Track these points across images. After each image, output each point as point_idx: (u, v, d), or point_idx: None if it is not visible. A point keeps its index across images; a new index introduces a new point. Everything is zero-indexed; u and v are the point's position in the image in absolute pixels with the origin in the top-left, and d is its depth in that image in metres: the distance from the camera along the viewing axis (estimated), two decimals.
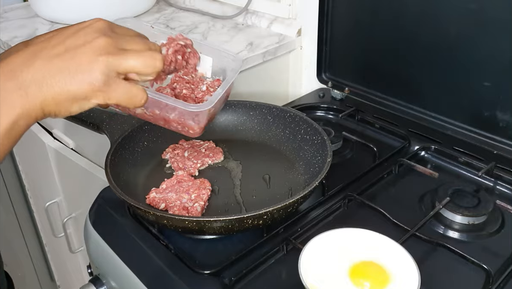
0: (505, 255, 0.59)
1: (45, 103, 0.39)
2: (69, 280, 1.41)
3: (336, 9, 0.91)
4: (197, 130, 0.63)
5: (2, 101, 0.38)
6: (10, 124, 0.38)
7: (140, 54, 0.43)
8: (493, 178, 0.72)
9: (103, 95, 0.41)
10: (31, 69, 0.39)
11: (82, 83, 0.40)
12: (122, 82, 0.42)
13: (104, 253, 0.66)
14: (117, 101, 0.43)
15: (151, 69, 0.44)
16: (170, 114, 0.62)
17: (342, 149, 0.81)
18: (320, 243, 0.54)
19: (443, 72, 0.79)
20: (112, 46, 0.41)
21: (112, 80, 0.41)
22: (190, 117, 0.62)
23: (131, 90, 0.43)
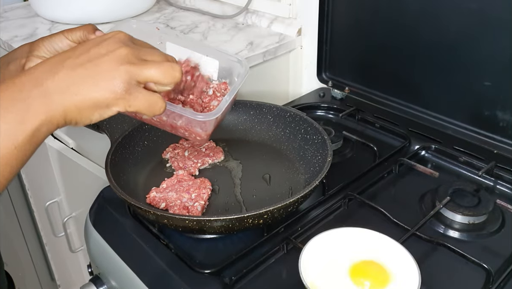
0: (505, 254, 0.59)
1: (68, 110, 0.41)
2: (70, 279, 1.41)
3: (336, 8, 0.91)
4: (204, 137, 0.64)
5: (26, 107, 0.39)
6: (33, 131, 0.39)
7: (160, 64, 0.45)
8: (493, 178, 0.72)
9: (124, 102, 0.43)
10: (56, 77, 0.41)
11: (104, 90, 0.41)
12: (143, 90, 0.44)
13: (104, 253, 0.66)
14: (137, 109, 0.44)
15: (170, 79, 0.45)
16: (177, 121, 0.62)
17: (343, 148, 0.81)
18: (320, 242, 0.54)
19: (444, 71, 0.79)
20: (133, 56, 0.43)
21: (133, 88, 0.43)
22: (198, 125, 0.62)
23: (151, 98, 0.44)
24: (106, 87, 0.42)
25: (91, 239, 0.69)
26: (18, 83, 0.40)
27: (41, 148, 1.13)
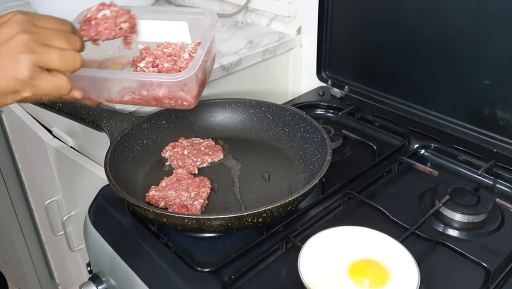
0: (504, 253, 0.59)
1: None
2: (69, 278, 1.41)
3: (336, 7, 0.91)
4: (190, 100, 0.61)
5: None
6: None
7: (60, 54, 0.45)
8: (492, 176, 0.72)
9: (31, 88, 0.44)
10: None
11: (9, 79, 0.43)
12: (47, 75, 0.45)
13: (103, 251, 0.66)
14: (44, 92, 0.45)
15: (70, 68, 0.47)
16: (158, 92, 0.61)
17: (342, 147, 0.81)
18: (319, 241, 0.54)
19: (443, 70, 0.79)
20: (34, 42, 0.44)
21: (37, 74, 0.44)
22: (179, 88, 0.60)
23: (55, 81, 0.46)
24: (10, 76, 0.43)
25: (91, 238, 0.69)
26: None
27: (40, 146, 1.14)
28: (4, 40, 0.43)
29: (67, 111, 0.77)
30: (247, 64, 0.97)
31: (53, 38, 0.46)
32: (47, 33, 0.46)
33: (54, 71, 0.46)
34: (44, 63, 0.44)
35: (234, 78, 0.97)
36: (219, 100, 0.82)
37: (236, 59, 0.95)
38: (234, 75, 0.97)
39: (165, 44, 0.67)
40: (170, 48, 0.67)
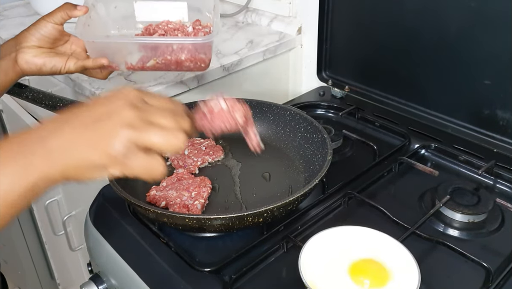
0: (505, 253, 0.59)
1: (66, 169, 0.41)
2: (69, 278, 1.41)
3: (336, 7, 0.91)
4: (207, 62, 0.71)
5: (28, 163, 0.40)
6: (30, 185, 0.40)
7: (164, 133, 0.43)
8: (493, 176, 0.72)
9: (121, 167, 0.42)
10: (59, 136, 0.41)
11: (101, 153, 0.41)
12: (142, 155, 0.42)
13: (104, 251, 0.66)
14: (135, 173, 0.43)
15: (171, 149, 0.44)
16: (181, 56, 0.69)
17: (342, 147, 0.81)
18: (320, 241, 0.54)
19: (444, 70, 0.79)
20: (138, 119, 0.42)
21: (131, 153, 0.41)
22: (202, 50, 0.69)
23: (150, 163, 0.43)
24: (104, 150, 0.41)
25: (91, 238, 0.69)
26: (25, 138, 0.41)
27: None
28: (109, 112, 0.42)
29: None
30: (248, 64, 0.97)
31: (160, 116, 0.43)
32: (155, 111, 0.43)
33: (151, 151, 0.43)
34: (142, 141, 0.42)
35: (234, 78, 0.97)
36: None
37: (236, 59, 0.95)
38: (235, 75, 0.97)
39: (166, 22, 0.75)
40: (173, 24, 0.74)
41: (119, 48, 0.71)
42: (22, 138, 0.41)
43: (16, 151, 0.40)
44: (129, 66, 0.72)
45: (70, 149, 0.41)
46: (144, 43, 0.71)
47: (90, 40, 0.69)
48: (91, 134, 0.41)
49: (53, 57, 0.69)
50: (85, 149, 0.41)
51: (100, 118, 0.42)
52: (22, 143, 0.41)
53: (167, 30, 0.74)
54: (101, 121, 0.41)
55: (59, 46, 0.71)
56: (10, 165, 0.39)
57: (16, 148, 0.40)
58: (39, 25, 0.68)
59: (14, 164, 0.39)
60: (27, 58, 0.67)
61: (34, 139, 0.41)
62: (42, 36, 0.68)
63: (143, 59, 0.72)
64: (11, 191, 0.39)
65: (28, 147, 0.40)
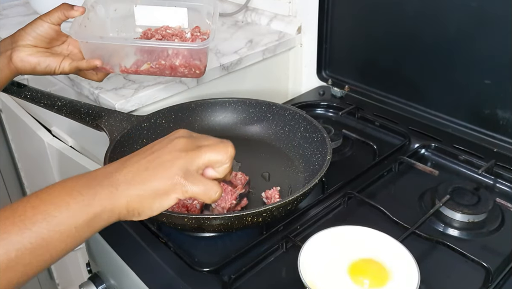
0: (504, 253, 0.59)
1: (130, 201, 0.43)
2: (68, 278, 1.41)
3: (336, 6, 0.91)
4: (202, 69, 0.70)
5: (94, 193, 0.42)
6: (94, 215, 0.42)
7: (213, 146, 0.47)
8: (493, 176, 0.72)
9: (182, 189, 0.45)
10: (124, 170, 0.44)
11: (163, 178, 0.44)
12: (199, 176, 0.46)
13: (103, 251, 0.65)
14: (194, 194, 0.45)
15: (225, 154, 0.48)
16: (175, 61, 0.68)
17: (342, 146, 0.81)
18: (319, 240, 0.54)
19: (444, 70, 0.79)
20: (190, 144, 0.47)
21: (190, 174, 0.45)
22: (197, 56, 0.69)
23: (208, 183, 0.46)
24: (165, 175, 0.44)
25: (90, 238, 0.68)
26: (94, 174, 0.45)
27: (40, 146, 1.13)
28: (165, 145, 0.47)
29: (66, 111, 0.77)
30: (247, 63, 0.97)
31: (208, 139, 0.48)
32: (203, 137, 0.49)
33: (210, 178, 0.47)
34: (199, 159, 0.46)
35: (234, 78, 0.97)
36: (219, 99, 0.82)
37: (236, 59, 0.95)
38: (234, 74, 0.96)
39: (165, 27, 0.75)
40: (171, 30, 0.75)
41: (115, 50, 0.71)
42: (90, 174, 0.45)
43: (83, 183, 0.43)
44: (123, 70, 0.72)
45: (133, 179, 0.44)
46: (138, 46, 0.71)
47: (83, 41, 0.69)
48: (152, 165, 0.45)
49: (48, 57, 0.68)
50: (147, 177, 0.44)
51: (158, 150, 0.46)
52: (90, 177, 0.44)
53: (164, 36, 0.74)
54: (159, 152, 0.46)
55: (55, 46, 0.71)
56: (79, 193, 0.42)
57: (84, 181, 0.43)
58: (36, 24, 0.68)
59: (84, 192, 0.42)
60: (22, 56, 0.67)
61: (101, 174, 0.44)
62: (38, 36, 0.68)
63: (138, 63, 0.72)
64: (78, 216, 0.41)
65: (95, 181, 0.43)
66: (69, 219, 0.41)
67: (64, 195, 0.42)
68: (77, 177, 0.44)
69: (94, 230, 0.43)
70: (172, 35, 0.75)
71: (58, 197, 0.42)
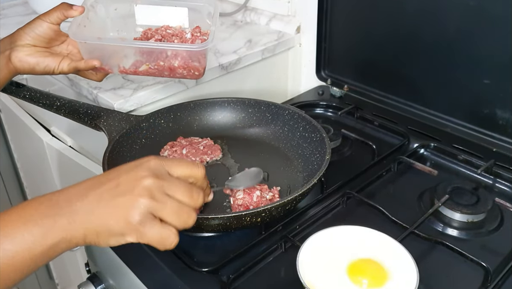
0: (504, 252, 0.59)
1: (87, 233, 0.43)
2: (68, 278, 1.41)
3: (335, 6, 0.91)
4: (201, 71, 0.70)
5: (53, 223, 0.41)
6: (51, 245, 0.41)
7: (177, 208, 0.45)
8: (492, 176, 0.72)
9: (137, 234, 0.43)
10: (85, 200, 0.43)
11: (119, 220, 0.43)
12: (157, 225, 0.44)
13: (102, 251, 0.65)
14: (149, 242, 0.44)
15: (182, 224, 0.46)
16: (174, 62, 0.68)
17: (341, 146, 0.81)
18: (318, 240, 0.54)
19: (443, 69, 0.79)
20: (157, 190, 0.44)
21: (148, 221, 0.43)
22: (196, 58, 0.68)
23: (164, 232, 0.45)
24: (122, 217, 0.43)
25: None
26: (55, 198, 0.43)
27: (39, 146, 1.13)
28: (130, 181, 0.44)
29: (65, 111, 0.77)
30: (246, 63, 0.97)
31: (177, 191, 0.46)
32: (173, 184, 0.46)
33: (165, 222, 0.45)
34: (158, 212, 0.44)
35: (233, 77, 0.97)
36: (218, 99, 0.82)
37: (235, 58, 0.95)
38: (233, 74, 0.96)
39: (165, 27, 0.74)
40: (172, 30, 0.74)
41: (113, 51, 0.71)
42: (51, 198, 0.43)
43: (42, 211, 0.42)
44: (121, 70, 0.72)
45: (92, 214, 0.43)
46: (135, 47, 0.71)
47: (82, 41, 0.69)
48: (113, 202, 0.43)
49: (47, 57, 0.68)
50: (106, 214, 0.43)
51: (123, 185, 0.44)
52: (50, 204, 0.43)
53: (164, 36, 0.74)
54: (123, 188, 0.44)
55: (55, 46, 0.71)
56: (36, 224, 0.41)
57: (43, 208, 0.42)
58: (35, 24, 0.68)
59: (40, 223, 0.41)
60: (20, 56, 0.67)
61: (61, 201, 0.43)
62: (37, 36, 0.68)
63: (137, 63, 0.72)
64: (34, 247, 0.41)
65: (55, 208, 0.42)
66: (24, 252, 0.40)
67: (20, 225, 0.41)
68: (37, 202, 0.43)
69: (51, 258, 0.43)
70: (172, 35, 0.74)
71: (14, 228, 0.40)
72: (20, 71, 0.69)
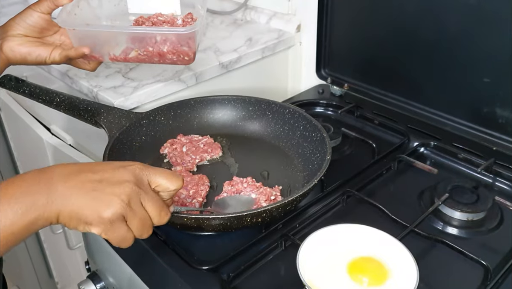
0: (503, 251, 0.59)
1: (61, 214, 0.45)
2: (67, 276, 1.41)
3: (335, 4, 0.91)
4: (191, 55, 0.70)
5: (32, 202, 0.44)
6: (30, 222, 0.44)
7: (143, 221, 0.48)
8: (492, 174, 0.72)
9: (103, 228, 0.46)
10: (66, 184, 0.45)
11: (94, 211, 0.45)
12: (124, 227, 0.47)
13: (101, 249, 0.65)
14: (109, 238, 0.47)
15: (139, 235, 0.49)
16: (163, 48, 0.68)
17: (341, 145, 0.81)
18: (318, 238, 0.54)
19: (443, 68, 0.79)
20: (134, 198, 0.47)
21: (117, 222, 0.46)
22: (185, 42, 0.68)
23: (127, 235, 0.47)
24: (97, 210, 0.45)
25: (89, 236, 0.68)
26: (37, 177, 0.45)
27: (39, 144, 1.13)
28: (114, 181, 0.46)
29: (65, 107, 0.77)
30: (247, 61, 0.97)
31: (150, 204, 0.48)
32: (149, 196, 0.48)
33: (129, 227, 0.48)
34: (128, 218, 0.46)
35: (233, 76, 0.97)
36: (218, 97, 0.82)
37: (235, 57, 0.95)
38: (234, 72, 0.96)
39: (157, 14, 0.74)
40: (163, 17, 0.74)
41: (105, 38, 0.71)
42: (34, 176, 0.45)
43: (24, 189, 0.44)
44: (111, 57, 0.71)
45: (70, 198, 0.45)
46: (126, 33, 0.71)
47: (70, 28, 0.68)
48: (93, 193, 0.45)
49: (38, 47, 0.68)
50: (83, 204, 0.45)
51: (106, 182, 0.46)
52: (33, 181, 0.45)
53: (155, 23, 0.74)
54: (105, 184, 0.46)
55: (47, 36, 0.70)
56: (18, 201, 0.43)
57: (25, 186, 0.44)
58: (25, 14, 0.68)
59: (21, 200, 0.43)
60: (12, 46, 0.67)
61: (43, 180, 0.45)
62: (28, 25, 0.68)
63: (127, 50, 0.72)
64: (15, 223, 0.43)
65: (37, 186, 0.44)
66: (6, 227, 0.43)
67: (4, 203, 0.43)
68: (21, 179, 0.45)
69: (30, 233, 0.45)
70: (163, 22, 0.74)
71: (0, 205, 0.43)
72: (12, 61, 0.69)
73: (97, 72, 0.78)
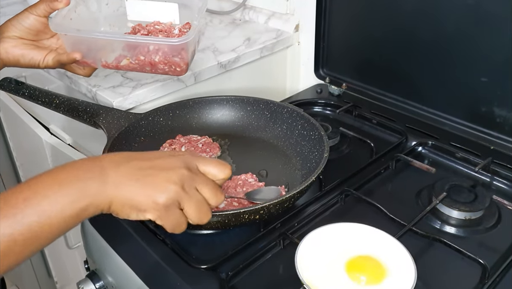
0: (501, 249, 0.60)
1: (113, 202, 0.45)
2: (66, 275, 1.41)
3: (334, 4, 0.91)
4: (183, 67, 0.68)
5: (84, 188, 0.43)
6: (81, 209, 0.43)
7: (200, 205, 0.48)
8: (490, 173, 0.72)
9: (158, 215, 0.46)
10: (118, 171, 0.45)
11: (148, 198, 0.45)
12: (178, 212, 0.47)
13: (101, 248, 0.65)
14: (164, 225, 0.47)
15: (198, 220, 0.48)
16: (155, 57, 0.67)
17: (339, 144, 0.81)
18: (317, 237, 0.54)
19: (441, 67, 0.79)
20: (188, 182, 0.47)
21: (172, 207, 0.46)
22: (177, 53, 0.67)
23: (181, 220, 0.48)
24: (151, 196, 0.45)
25: (88, 235, 0.69)
26: (86, 164, 0.45)
27: (38, 144, 1.13)
28: (166, 166, 0.47)
29: (64, 108, 0.77)
30: (245, 61, 0.97)
31: (205, 187, 0.48)
32: (203, 180, 0.48)
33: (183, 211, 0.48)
34: (183, 202, 0.46)
35: (231, 76, 0.97)
36: (217, 97, 0.82)
37: (233, 57, 0.95)
38: (232, 72, 0.97)
39: (155, 22, 0.74)
40: (161, 26, 0.73)
41: (101, 45, 0.70)
42: (83, 163, 0.45)
43: (75, 175, 0.44)
44: (103, 64, 0.71)
45: (123, 185, 0.45)
46: (120, 40, 0.70)
47: (62, 33, 0.68)
48: (146, 179, 0.45)
49: (33, 50, 0.68)
50: (135, 189, 0.45)
51: (158, 168, 0.46)
52: (83, 168, 0.45)
53: (151, 31, 0.73)
54: (157, 170, 0.46)
55: (43, 39, 0.70)
56: (70, 186, 0.43)
57: (75, 173, 0.44)
58: (22, 16, 0.68)
59: (75, 186, 0.43)
60: (6, 47, 0.67)
61: (95, 167, 0.45)
62: (24, 28, 0.67)
63: (119, 58, 0.71)
64: (66, 209, 0.42)
65: (88, 173, 0.44)
66: (58, 213, 0.42)
67: (55, 188, 0.42)
68: (72, 166, 0.45)
69: (80, 221, 0.44)
70: (159, 31, 0.73)
71: (49, 190, 0.42)
72: (6, 63, 0.68)
73: (96, 72, 0.78)
